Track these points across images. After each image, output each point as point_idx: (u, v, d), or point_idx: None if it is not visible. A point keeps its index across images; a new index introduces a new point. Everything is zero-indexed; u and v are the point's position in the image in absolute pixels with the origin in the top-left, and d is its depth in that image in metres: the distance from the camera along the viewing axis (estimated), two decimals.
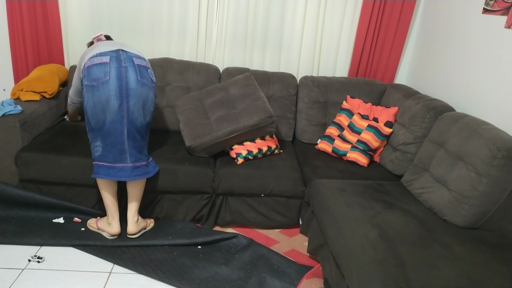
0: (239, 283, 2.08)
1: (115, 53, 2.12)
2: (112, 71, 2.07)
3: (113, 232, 2.28)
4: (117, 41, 2.31)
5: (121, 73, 2.08)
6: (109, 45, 2.18)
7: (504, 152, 1.85)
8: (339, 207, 2.05)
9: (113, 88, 2.07)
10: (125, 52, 2.15)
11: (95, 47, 2.19)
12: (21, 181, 2.44)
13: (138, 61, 2.17)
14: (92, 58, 2.10)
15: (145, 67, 2.19)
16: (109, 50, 2.12)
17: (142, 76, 2.15)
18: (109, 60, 2.08)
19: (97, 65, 2.07)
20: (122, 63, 2.10)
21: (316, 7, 3.07)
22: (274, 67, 3.23)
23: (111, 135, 2.13)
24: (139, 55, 2.21)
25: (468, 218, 1.95)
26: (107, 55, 2.09)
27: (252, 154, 2.55)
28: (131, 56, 2.15)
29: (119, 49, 2.15)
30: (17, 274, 2.02)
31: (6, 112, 2.38)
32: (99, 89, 2.06)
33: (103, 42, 2.26)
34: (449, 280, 1.55)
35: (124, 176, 2.19)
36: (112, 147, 2.15)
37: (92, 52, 2.13)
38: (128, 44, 2.34)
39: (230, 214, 2.55)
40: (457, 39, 2.68)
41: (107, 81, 2.05)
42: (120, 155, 2.17)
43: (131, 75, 2.11)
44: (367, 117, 2.80)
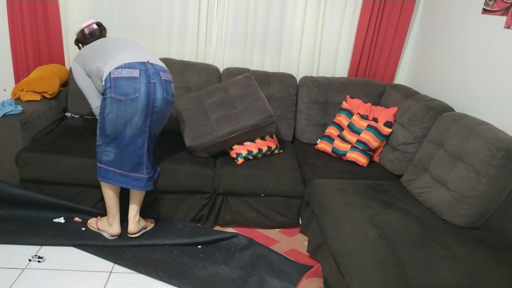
0: (239, 282, 2.08)
1: (144, 66, 2.05)
2: (142, 88, 2.02)
3: (113, 232, 2.29)
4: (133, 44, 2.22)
5: (149, 89, 2.04)
6: (133, 53, 2.10)
7: (504, 152, 1.86)
8: (339, 207, 2.05)
9: (141, 106, 2.04)
10: (152, 65, 2.09)
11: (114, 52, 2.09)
12: (22, 181, 2.44)
13: (164, 76, 2.12)
14: (120, 69, 2.01)
15: (169, 81, 2.16)
16: (137, 61, 2.05)
17: (167, 93, 2.13)
18: (138, 75, 2.02)
19: (126, 79, 2.00)
20: (151, 79, 2.05)
21: (316, 7, 3.07)
22: (274, 67, 3.23)
23: (130, 147, 2.13)
24: (164, 67, 2.17)
25: (468, 218, 1.96)
26: (136, 68, 2.03)
27: (252, 154, 2.56)
28: (158, 70, 2.10)
29: (147, 61, 2.09)
30: (18, 274, 2.02)
31: (7, 112, 2.39)
32: (127, 104, 2.02)
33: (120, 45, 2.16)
34: (449, 280, 1.56)
35: (138, 186, 2.20)
36: (129, 158, 2.15)
37: (117, 60, 2.04)
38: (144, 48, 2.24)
39: (230, 214, 2.55)
40: (456, 39, 2.69)
41: (136, 98, 2.01)
42: (137, 166, 2.18)
43: (158, 92, 2.08)
44: (366, 117, 2.80)
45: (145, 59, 2.09)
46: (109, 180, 2.18)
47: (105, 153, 2.15)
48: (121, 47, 2.15)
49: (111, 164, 2.16)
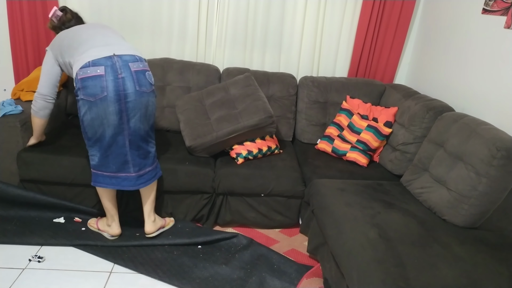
0: (239, 282, 2.08)
1: (110, 61, 1.95)
2: (109, 85, 1.93)
3: (113, 233, 2.29)
4: (104, 34, 2.08)
5: (118, 85, 1.95)
6: (100, 47, 1.99)
7: (504, 152, 1.86)
8: (339, 207, 2.05)
9: (111, 103, 1.95)
10: (120, 57, 1.98)
11: (83, 47, 1.99)
12: (22, 181, 2.45)
13: (135, 66, 2.01)
14: (85, 68, 1.92)
15: (142, 71, 2.04)
16: (102, 56, 1.94)
17: (140, 84, 2.02)
18: (104, 72, 1.92)
19: (92, 78, 1.92)
20: (119, 73, 1.95)
21: (316, 7, 3.07)
22: (274, 67, 3.23)
23: (112, 147, 2.07)
24: (134, 55, 2.04)
25: (468, 218, 1.96)
26: (101, 65, 1.93)
27: (252, 154, 2.56)
28: (127, 62, 1.99)
29: (112, 54, 1.97)
30: (18, 274, 2.02)
31: (7, 112, 2.39)
32: (97, 104, 1.95)
33: (89, 38, 2.03)
34: (449, 280, 1.56)
35: (128, 185, 2.16)
36: (114, 158, 2.09)
37: (83, 58, 1.94)
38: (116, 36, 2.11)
39: (230, 213, 2.56)
40: (456, 39, 2.69)
41: (105, 97, 1.93)
42: (123, 165, 2.12)
43: (129, 86, 1.98)
44: (366, 117, 2.80)
45: (111, 52, 1.97)
46: (100, 183, 2.14)
47: (91, 157, 2.12)
48: (90, 40, 2.03)
49: (98, 168, 2.12)
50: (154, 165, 2.26)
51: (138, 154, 2.14)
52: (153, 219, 2.32)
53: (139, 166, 2.17)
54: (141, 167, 2.18)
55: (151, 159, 2.23)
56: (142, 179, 2.19)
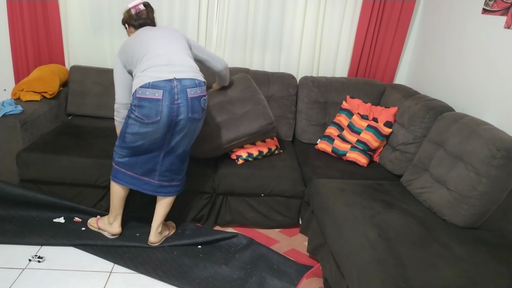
0: (239, 282, 2.08)
1: (169, 85, 1.94)
2: (164, 110, 1.94)
3: (114, 232, 2.29)
4: (168, 45, 2.05)
5: (172, 111, 1.96)
6: (161, 64, 1.98)
7: (504, 152, 1.86)
8: (339, 207, 2.05)
9: (162, 127, 1.99)
10: (180, 82, 1.96)
11: (145, 58, 1.99)
12: (22, 181, 2.45)
13: (192, 92, 2.00)
14: (144, 88, 1.93)
15: (198, 97, 2.04)
16: (163, 79, 1.94)
17: (193, 112, 2.03)
18: (161, 96, 1.93)
19: (149, 100, 1.93)
20: (175, 99, 1.95)
21: (316, 7, 3.07)
22: (274, 67, 3.23)
23: (146, 154, 2.10)
24: (194, 80, 2.02)
25: (468, 218, 1.96)
26: (160, 89, 1.93)
27: (252, 156, 2.56)
28: (185, 87, 1.98)
29: (173, 78, 1.96)
30: (18, 274, 2.02)
31: (7, 112, 2.39)
32: (148, 125, 1.98)
33: (152, 47, 2.02)
34: (449, 280, 1.56)
35: (148, 189, 2.19)
36: (143, 163, 2.12)
37: (144, 76, 1.95)
38: (180, 48, 2.09)
39: (230, 214, 2.55)
40: (456, 39, 2.69)
41: (158, 120, 1.96)
42: (149, 172, 2.15)
43: (182, 112, 1.99)
44: (366, 117, 2.80)
45: (172, 76, 1.96)
46: (119, 180, 2.17)
47: (119, 154, 2.13)
48: (152, 53, 2.01)
49: (122, 166, 2.14)
50: (182, 181, 2.28)
51: (170, 169, 2.17)
52: (160, 230, 2.32)
53: (166, 178, 2.18)
54: (167, 179, 2.19)
55: (182, 175, 2.25)
56: (164, 189, 2.21)
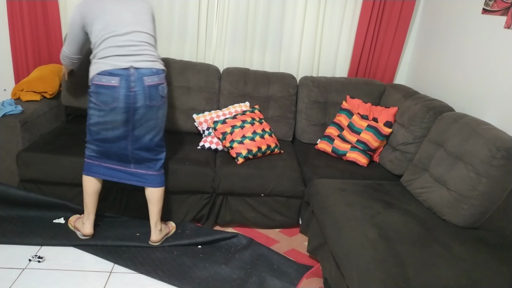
0: (239, 282, 2.08)
1: (126, 72, 1.97)
2: (121, 97, 1.98)
3: (85, 232, 2.26)
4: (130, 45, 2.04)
5: (129, 98, 1.99)
6: (120, 55, 2.00)
7: (504, 152, 1.86)
8: (339, 207, 2.05)
9: (120, 114, 2.00)
10: (137, 70, 1.99)
11: (106, 47, 2.00)
12: (22, 181, 2.45)
13: (149, 80, 2.02)
14: (101, 75, 1.97)
15: (156, 85, 2.05)
16: (120, 67, 1.97)
17: (151, 99, 2.04)
18: (118, 84, 1.96)
19: (106, 87, 1.97)
20: (132, 87, 1.98)
21: (316, 7, 3.07)
22: (274, 67, 3.23)
23: (115, 147, 2.12)
24: (151, 68, 2.04)
25: (468, 217, 1.96)
26: (116, 76, 1.96)
27: (252, 153, 2.56)
28: (142, 75, 2.00)
29: (130, 66, 1.99)
30: (18, 274, 2.02)
31: (7, 112, 2.39)
32: (106, 112, 2.01)
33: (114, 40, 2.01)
34: (449, 280, 1.56)
35: (126, 178, 2.19)
36: (115, 152, 2.14)
37: (101, 63, 1.98)
38: (141, 46, 2.07)
39: (230, 213, 2.55)
40: (456, 39, 2.69)
41: (115, 107, 1.99)
42: (124, 160, 2.17)
43: (139, 100, 2.01)
44: (366, 117, 2.80)
45: (129, 64, 1.99)
46: (94, 173, 2.18)
47: (90, 149, 2.16)
48: (115, 28, 2.01)
49: (95, 159, 2.17)
50: (158, 172, 2.25)
51: (142, 158, 2.17)
52: (160, 228, 2.31)
53: (141, 165, 2.20)
54: (143, 167, 2.20)
55: (157, 166, 2.24)
56: (141, 178, 2.21)
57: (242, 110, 2.85)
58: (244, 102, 2.95)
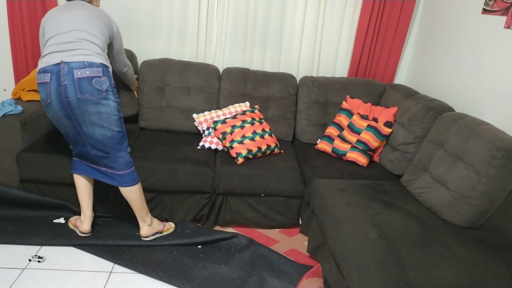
0: (239, 282, 2.08)
1: (56, 68, 1.98)
2: (52, 92, 1.99)
3: (82, 229, 2.28)
4: (66, 42, 2.04)
5: (60, 93, 1.99)
6: (55, 52, 2.02)
7: (504, 152, 1.86)
8: (339, 207, 2.05)
9: (57, 109, 2.03)
10: (67, 64, 1.98)
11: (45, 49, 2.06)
12: (22, 181, 2.45)
13: (79, 73, 1.98)
14: (38, 74, 2.03)
15: (87, 78, 1.99)
16: (52, 63, 1.99)
17: (82, 92, 1.99)
18: (49, 79, 1.99)
19: (41, 85, 2.02)
20: (61, 81, 1.98)
21: (316, 7, 3.07)
22: (274, 67, 3.23)
23: (79, 145, 2.16)
24: (84, 61, 2.00)
25: (468, 218, 1.96)
26: (48, 72, 1.99)
27: (252, 153, 2.56)
28: (72, 68, 1.98)
29: (60, 61, 1.99)
30: (18, 274, 2.02)
31: (7, 112, 2.39)
32: (47, 109, 2.07)
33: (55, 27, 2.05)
34: (449, 280, 1.56)
35: (99, 176, 2.21)
36: (80, 152, 2.19)
37: (40, 63, 2.04)
38: (78, 43, 2.04)
39: (230, 213, 2.55)
40: (456, 39, 2.69)
41: (50, 103, 2.02)
42: (90, 160, 2.19)
43: (70, 93, 1.98)
44: (366, 117, 2.80)
45: (59, 59, 1.99)
46: (76, 170, 2.25)
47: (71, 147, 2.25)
48: (53, 36, 2.05)
49: (76, 156, 2.25)
50: (124, 172, 2.17)
51: (103, 157, 2.15)
52: (149, 223, 2.31)
53: (107, 166, 2.17)
54: (108, 167, 2.17)
55: (119, 165, 2.16)
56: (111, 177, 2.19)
57: (242, 110, 2.85)
58: (244, 102, 2.95)
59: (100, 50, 2.11)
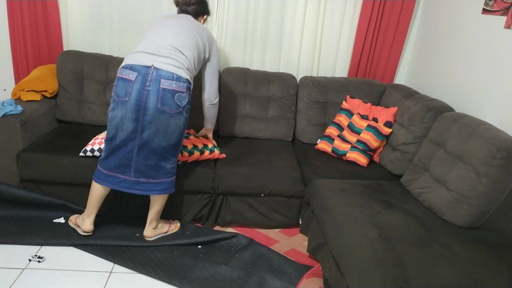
0: (239, 282, 2.08)
1: (145, 70, 1.99)
2: (133, 92, 1.97)
3: (85, 228, 2.27)
4: (161, 47, 2.06)
5: (141, 96, 1.98)
6: (147, 51, 2.04)
7: (504, 152, 1.86)
8: (339, 207, 2.05)
9: (130, 110, 1.99)
10: (157, 70, 1.99)
11: (138, 45, 2.10)
12: (22, 181, 2.45)
13: (166, 84, 1.99)
14: (123, 69, 2.02)
15: (172, 91, 2.01)
16: (142, 64, 2.00)
17: (163, 103, 2.00)
18: (134, 79, 1.98)
19: (123, 80, 2.00)
20: (146, 85, 1.98)
21: (316, 7, 3.07)
22: (274, 67, 3.23)
23: (121, 149, 2.09)
24: (173, 74, 2.01)
25: (468, 218, 1.96)
26: (135, 72, 1.99)
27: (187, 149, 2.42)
28: (160, 77, 1.99)
29: (152, 65, 2.00)
30: (18, 274, 2.02)
31: (7, 112, 2.39)
32: (118, 106, 2.02)
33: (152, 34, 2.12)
34: (449, 280, 1.56)
35: (124, 186, 2.16)
36: (118, 158, 2.11)
37: (128, 58, 2.05)
38: (171, 50, 2.07)
39: (230, 214, 2.56)
40: (456, 39, 2.69)
41: (126, 102, 1.99)
42: (125, 168, 2.13)
43: (151, 100, 1.98)
44: (366, 117, 2.80)
45: (151, 63, 2.00)
46: (98, 179, 2.18)
47: (103, 152, 2.17)
48: (147, 41, 2.10)
49: (102, 165, 2.16)
50: (165, 180, 2.20)
51: (146, 164, 2.12)
52: (154, 226, 2.32)
53: (143, 174, 2.14)
54: (144, 176, 2.15)
55: (163, 174, 2.18)
56: (141, 186, 2.16)
57: None
58: (244, 102, 2.95)
59: (190, 65, 2.11)
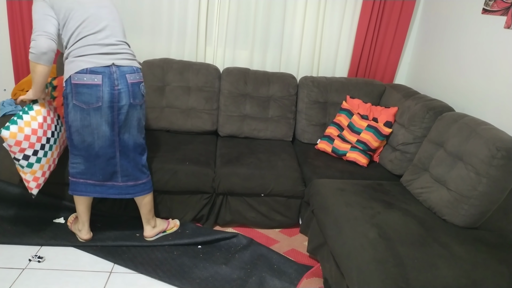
0: (239, 282, 2.08)
1: (108, 70, 1.90)
2: (105, 96, 1.90)
3: (83, 238, 2.26)
4: (108, 40, 1.95)
5: (113, 98, 1.92)
6: (100, 53, 1.90)
7: (504, 152, 1.86)
8: (339, 207, 2.05)
9: (105, 114, 1.92)
10: (118, 68, 1.94)
11: (83, 47, 1.87)
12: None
13: (131, 78, 1.98)
14: (81, 74, 1.85)
15: (137, 83, 2.02)
16: (101, 65, 1.88)
17: (134, 97, 2.00)
18: (101, 82, 1.88)
19: (88, 86, 1.86)
20: (115, 85, 1.92)
21: (316, 7, 3.07)
22: (274, 67, 3.23)
23: (101, 158, 2.03)
24: (132, 66, 2.00)
25: (468, 218, 1.96)
26: (98, 74, 1.87)
27: None
28: (125, 73, 1.95)
29: (111, 64, 1.92)
30: (18, 274, 2.02)
31: (7, 112, 2.39)
32: (90, 113, 1.91)
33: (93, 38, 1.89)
34: (449, 280, 1.56)
35: (115, 193, 2.14)
36: (102, 168, 2.06)
37: (80, 61, 1.86)
38: (120, 45, 1.99)
39: (230, 214, 2.56)
40: (456, 39, 2.69)
41: (99, 107, 1.90)
42: (111, 175, 2.10)
43: (124, 99, 1.95)
44: (366, 117, 2.80)
45: (110, 62, 1.91)
46: (81, 192, 2.10)
47: (74, 166, 2.06)
48: (87, 32, 1.89)
49: (80, 176, 2.08)
50: (147, 179, 2.22)
51: (129, 165, 2.11)
52: (153, 225, 2.32)
53: (129, 176, 2.14)
54: (131, 178, 2.15)
55: (144, 171, 2.20)
56: (132, 189, 2.17)
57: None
58: (244, 102, 2.95)
59: (132, 50, 2.09)
